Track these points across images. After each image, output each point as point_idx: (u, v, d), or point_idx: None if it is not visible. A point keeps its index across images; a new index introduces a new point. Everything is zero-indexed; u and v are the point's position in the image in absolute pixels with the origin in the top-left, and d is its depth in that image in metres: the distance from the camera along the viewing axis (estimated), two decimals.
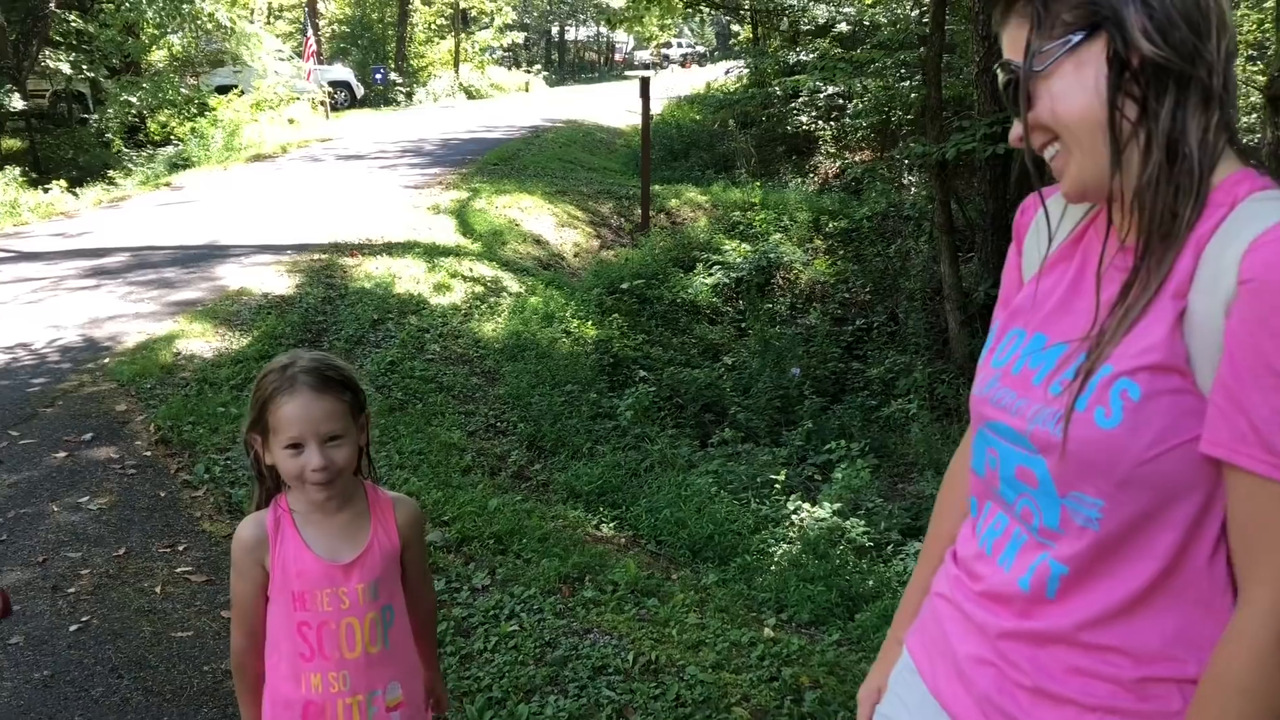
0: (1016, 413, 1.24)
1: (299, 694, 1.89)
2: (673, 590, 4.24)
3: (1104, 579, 1.18)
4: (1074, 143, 1.17)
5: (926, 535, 1.61)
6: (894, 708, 1.49)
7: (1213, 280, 1.08)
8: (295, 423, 1.79)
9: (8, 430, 5.19)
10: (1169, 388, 1.10)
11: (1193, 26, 1.10)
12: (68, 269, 8.80)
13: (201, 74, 21.83)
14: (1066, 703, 1.21)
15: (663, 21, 17.99)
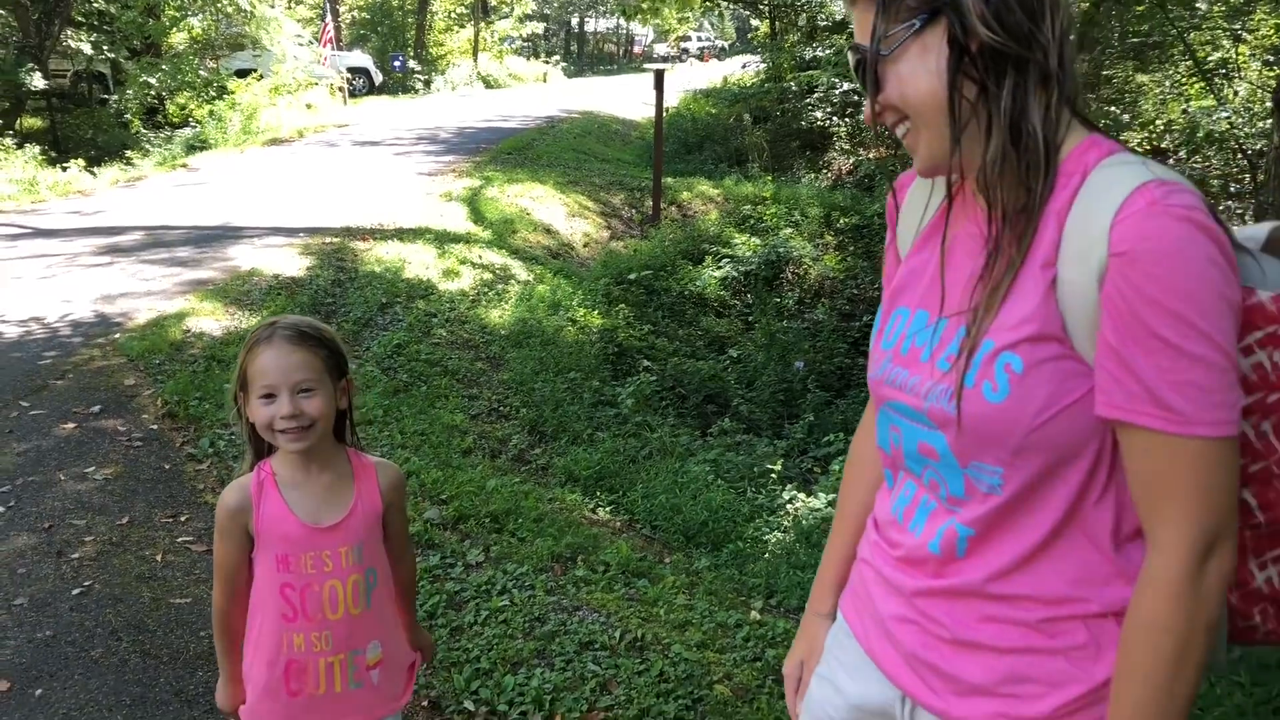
0: (911, 391, 1.30)
1: (281, 654, 1.96)
2: (664, 573, 4.32)
3: (1008, 536, 1.25)
4: (922, 123, 1.22)
5: (836, 512, 1.68)
6: (832, 668, 1.55)
7: (1082, 252, 1.14)
8: (269, 372, 1.86)
9: (18, 400, 5.29)
10: (1049, 355, 1.16)
11: (1027, 10, 1.15)
12: (82, 246, 8.91)
13: (221, 57, 21.97)
14: (983, 649, 1.28)
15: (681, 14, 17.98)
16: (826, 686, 1.55)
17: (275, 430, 1.88)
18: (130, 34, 17.95)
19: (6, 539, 3.98)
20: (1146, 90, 12.47)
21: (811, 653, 1.63)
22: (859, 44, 1.25)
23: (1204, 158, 10.98)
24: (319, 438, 1.93)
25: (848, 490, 1.65)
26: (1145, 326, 1.09)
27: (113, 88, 19.33)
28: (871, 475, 1.57)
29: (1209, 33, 11.34)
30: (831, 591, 1.63)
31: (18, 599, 3.57)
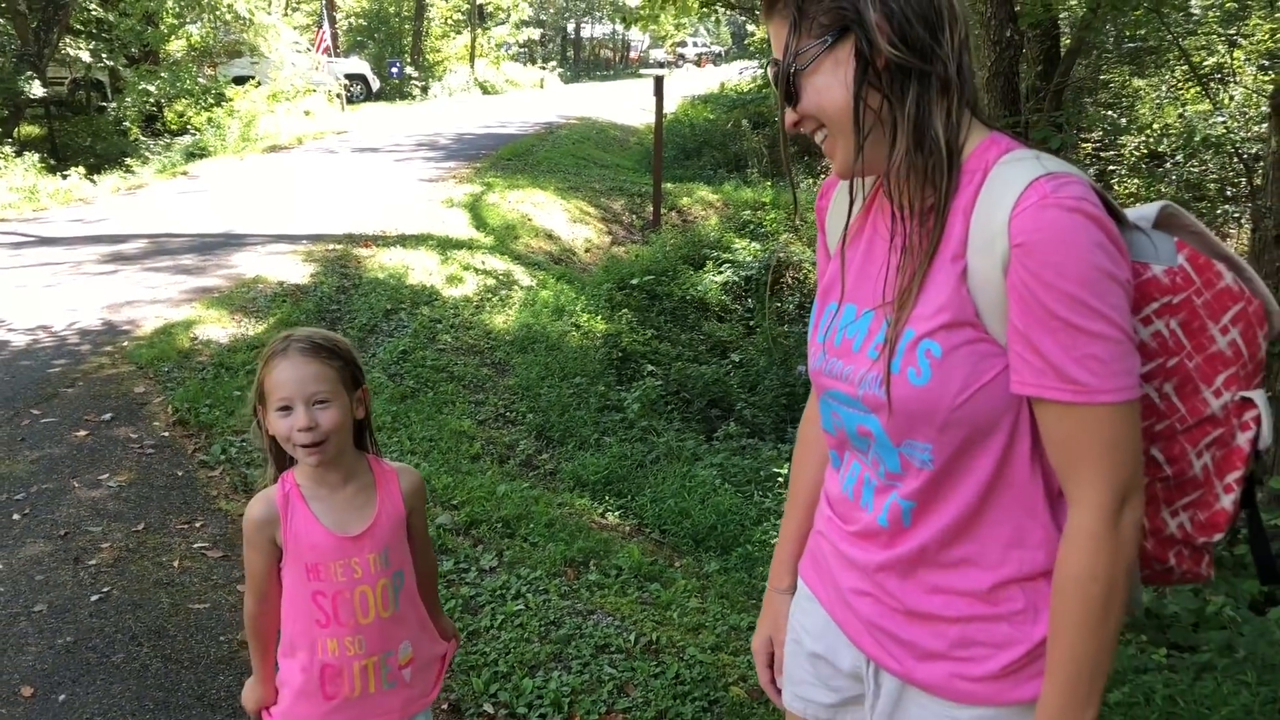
0: (847, 379, 1.42)
1: (315, 658, 2.00)
2: (675, 576, 4.35)
3: (944, 503, 1.37)
4: (837, 130, 1.33)
5: (788, 493, 1.79)
6: (799, 633, 1.66)
7: (987, 243, 1.25)
8: (285, 384, 1.89)
9: (30, 408, 5.32)
10: (964, 340, 1.28)
11: (927, 25, 1.26)
12: (87, 254, 8.94)
13: (219, 64, 22.00)
14: (934, 619, 1.41)
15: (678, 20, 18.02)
16: (793, 646, 1.68)
17: (294, 444, 1.91)
18: (129, 42, 17.96)
19: (23, 546, 4.01)
20: (1143, 95, 12.53)
21: (777, 628, 1.75)
22: (776, 59, 1.36)
23: (1200, 162, 11.04)
24: (336, 450, 1.96)
25: (798, 472, 1.77)
26: (1046, 308, 1.20)
27: (111, 95, 19.34)
28: (818, 457, 1.70)
29: (1204, 38, 11.39)
30: (789, 568, 1.75)
31: (37, 605, 3.60)
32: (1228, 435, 1.35)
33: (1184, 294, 1.32)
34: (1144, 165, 11.39)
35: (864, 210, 1.47)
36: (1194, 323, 1.33)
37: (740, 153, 17.74)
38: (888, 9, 1.25)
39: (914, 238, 1.33)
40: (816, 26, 1.29)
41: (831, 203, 1.58)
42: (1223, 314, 1.33)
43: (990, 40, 9.00)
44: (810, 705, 1.65)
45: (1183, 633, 4.29)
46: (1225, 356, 1.33)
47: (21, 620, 3.50)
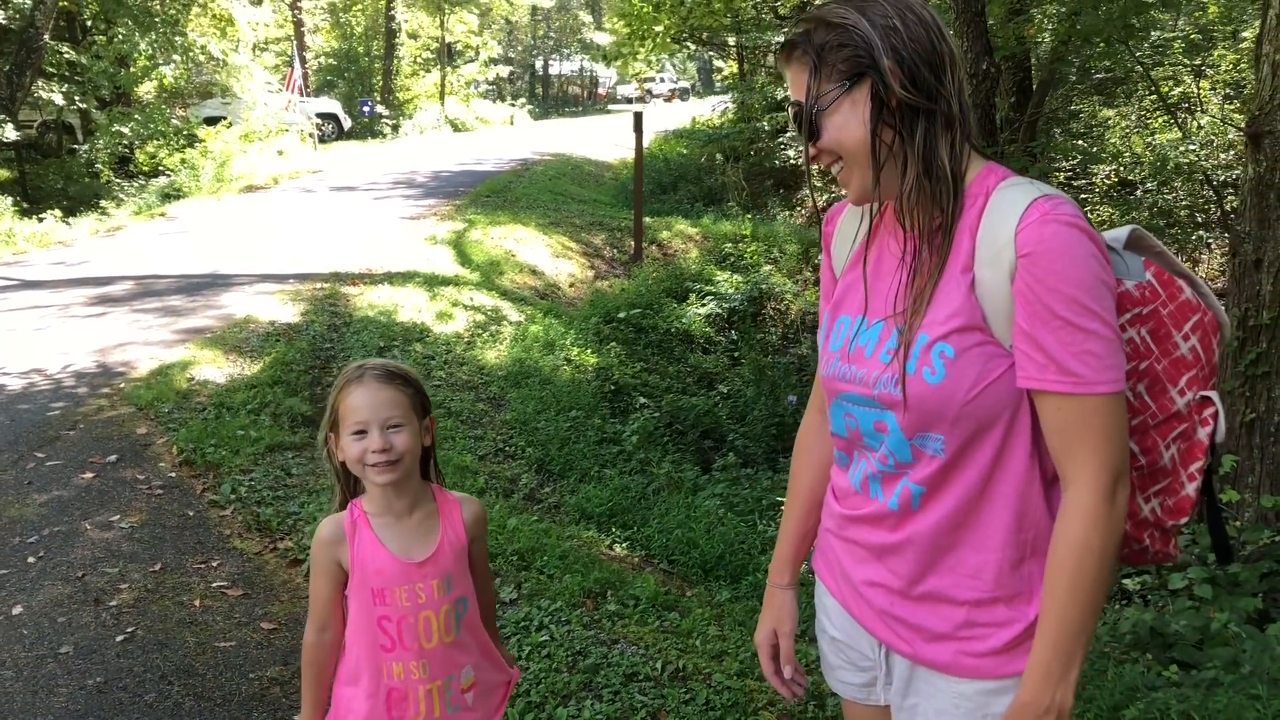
0: (861, 381, 1.57)
1: (381, 683, 2.04)
2: (691, 605, 4.39)
3: (951, 487, 1.53)
4: (854, 162, 1.52)
5: (788, 494, 1.95)
6: (824, 623, 1.84)
7: (994, 256, 1.43)
8: (360, 409, 1.98)
9: (33, 452, 5.30)
10: (974, 342, 1.45)
11: (933, 69, 1.46)
12: (73, 297, 8.91)
13: (190, 105, 21.99)
14: (940, 601, 1.57)
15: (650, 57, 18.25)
16: (821, 635, 1.86)
17: (366, 464, 1.98)
18: (100, 84, 17.92)
19: (41, 588, 4.00)
20: (1112, 124, 12.82)
21: (780, 621, 1.91)
22: (799, 100, 1.53)
23: (1171, 189, 11.30)
24: (406, 473, 2.03)
25: (796, 475, 1.92)
26: (1049, 309, 1.38)
27: (82, 138, 19.27)
28: (815, 462, 1.87)
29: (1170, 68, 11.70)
30: (789, 565, 1.92)
31: (62, 647, 3.59)
32: (1190, 430, 1.56)
33: (1152, 305, 1.54)
34: (1115, 193, 11.63)
35: (870, 233, 1.64)
36: (1160, 330, 1.54)
37: (715, 187, 17.92)
38: (899, 56, 1.45)
39: (923, 254, 1.51)
40: (836, 72, 1.48)
41: (837, 230, 1.76)
42: (1184, 323, 1.55)
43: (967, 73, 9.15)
44: (847, 686, 1.83)
45: (1187, 650, 4.37)
46: (1187, 360, 1.55)
47: (49, 662, 3.50)
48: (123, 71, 18.34)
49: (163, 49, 18.67)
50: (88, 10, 18.48)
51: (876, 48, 1.46)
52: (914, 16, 1.48)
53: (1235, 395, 6.01)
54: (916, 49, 1.46)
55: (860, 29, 1.47)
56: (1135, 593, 5.25)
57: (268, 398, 6.24)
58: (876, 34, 1.46)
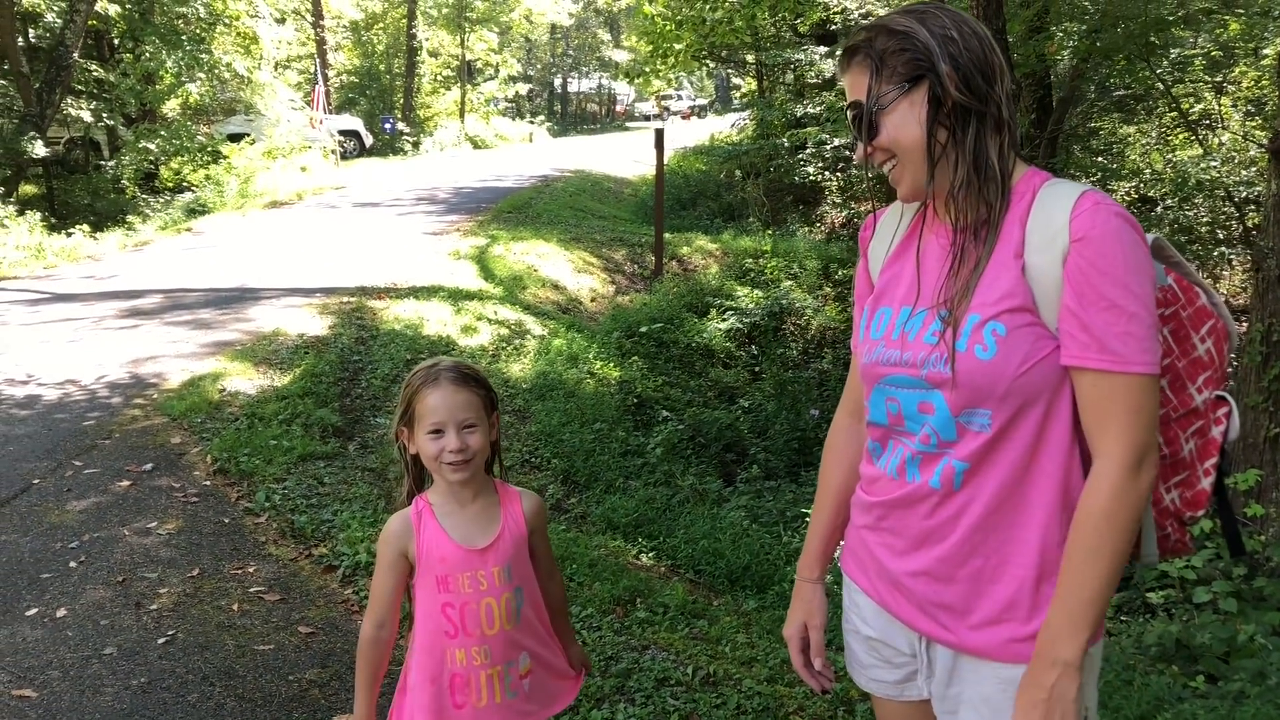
0: (907, 364, 1.65)
1: (445, 668, 2.13)
2: (719, 613, 4.45)
3: (995, 464, 1.59)
4: (907, 160, 1.62)
5: (818, 491, 2.01)
6: (855, 622, 1.88)
7: (1047, 241, 1.53)
8: (438, 410, 2.08)
9: (71, 460, 5.40)
10: (1024, 323, 1.54)
11: (985, 76, 1.58)
12: (104, 309, 9.04)
13: (215, 122, 22.27)
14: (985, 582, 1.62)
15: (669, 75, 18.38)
16: (850, 635, 1.90)
17: (441, 462, 2.07)
18: (127, 101, 18.18)
19: (84, 592, 4.09)
20: (1132, 141, 12.86)
21: (810, 614, 1.96)
22: (859, 100, 1.64)
23: (1192, 205, 11.32)
24: (476, 469, 2.12)
25: (826, 473, 1.98)
26: (1097, 290, 1.48)
27: (109, 154, 19.52)
28: (847, 459, 1.92)
29: (1190, 85, 11.74)
30: (819, 560, 1.98)
31: (106, 649, 3.67)
32: (1206, 427, 1.65)
33: (1173, 308, 1.64)
34: (1136, 209, 11.66)
35: (913, 230, 1.74)
36: (1181, 331, 1.64)
37: (734, 203, 18.01)
38: (955, 61, 1.57)
39: (969, 246, 1.60)
40: (895, 74, 1.60)
41: (875, 233, 1.87)
42: (1201, 327, 1.64)
43: None
44: (880, 684, 1.87)
45: (1213, 663, 4.40)
46: (1204, 361, 1.64)
47: (94, 663, 3.58)
48: (149, 88, 18.60)
49: (188, 66, 18.92)
50: (116, 29, 18.77)
51: (935, 53, 1.57)
52: (969, 29, 1.60)
53: (1259, 411, 6.04)
54: (971, 57, 1.57)
55: (920, 36, 1.58)
56: (1160, 606, 5.26)
57: (298, 409, 6.33)
58: (935, 41, 1.57)
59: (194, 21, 19.84)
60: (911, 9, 1.63)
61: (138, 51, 18.40)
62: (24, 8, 17.09)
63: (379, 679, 2.21)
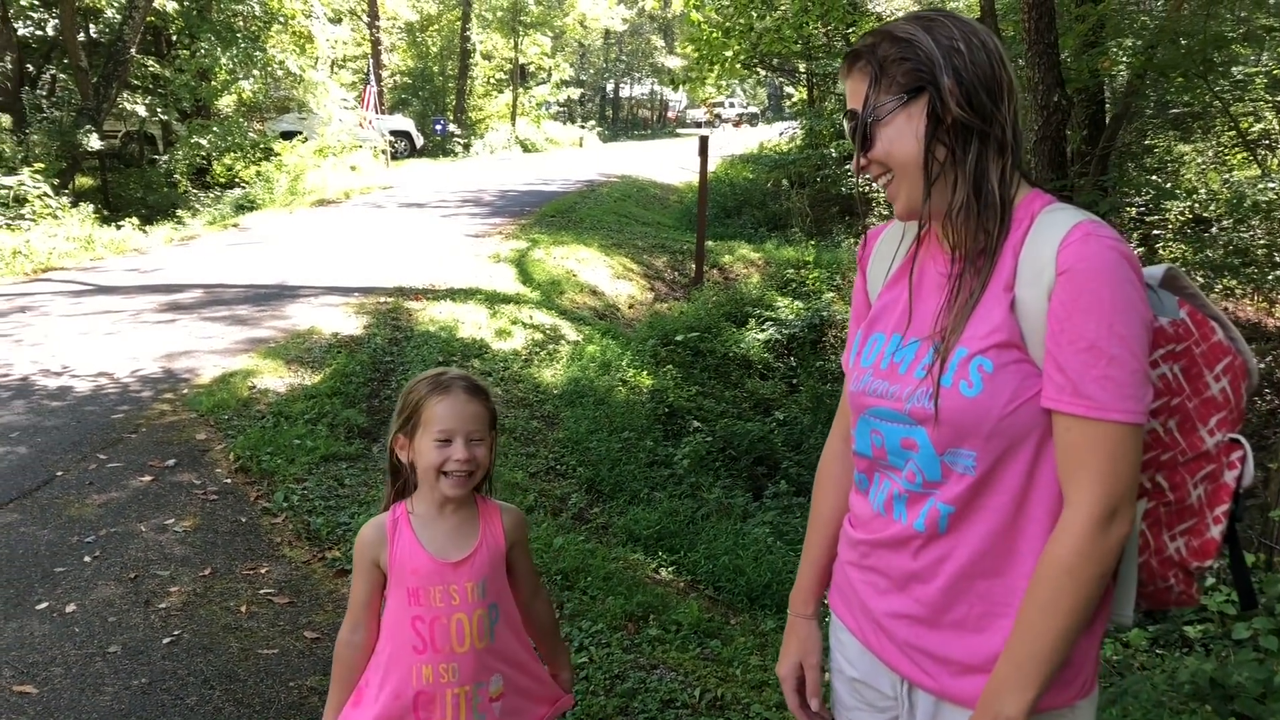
0: (892, 397, 1.56)
1: (410, 685, 2.06)
2: (734, 633, 4.35)
3: (982, 509, 1.49)
4: (903, 176, 1.52)
5: (809, 522, 1.91)
6: (839, 662, 1.79)
7: (1035, 275, 1.43)
8: (448, 418, 2.03)
9: (96, 453, 5.43)
10: (1012, 359, 1.44)
11: (990, 94, 1.48)
12: (144, 303, 9.13)
13: (267, 120, 22.53)
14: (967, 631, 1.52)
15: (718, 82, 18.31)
16: (835, 675, 1.81)
17: (443, 472, 2.02)
18: (182, 96, 18.44)
19: (95, 588, 4.08)
20: (1187, 160, 12.56)
21: (805, 652, 1.86)
22: (855, 110, 1.55)
23: (1248, 227, 11.03)
24: (474, 484, 2.08)
25: (818, 503, 1.88)
26: (1077, 329, 1.38)
27: (162, 148, 19.81)
28: (841, 488, 1.81)
29: (1250, 104, 11.45)
30: (812, 595, 1.88)
31: (111, 647, 3.66)
32: (1218, 471, 1.53)
33: (1185, 343, 1.52)
34: (1189, 230, 11.39)
35: (908, 256, 1.64)
36: (1193, 369, 1.52)
37: (780, 212, 17.87)
38: (959, 76, 1.46)
39: (966, 275, 1.50)
40: (895, 84, 1.50)
41: (874, 251, 1.76)
42: (1216, 364, 1.52)
43: (1038, 105, 9.08)
44: None
45: (1249, 704, 4.23)
46: (1217, 401, 1.52)
47: (98, 660, 3.56)
48: (204, 85, 18.87)
49: (243, 64, 19.18)
50: (173, 25, 19.02)
51: (938, 64, 1.47)
52: (978, 41, 1.50)
53: None
54: (977, 72, 1.47)
55: (924, 45, 1.48)
56: (1197, 640, 5.09)
57: (326, 408, 6.32)
58: (940, 52, 1.48)
59: (249, 19, 20.10)
60: (919, 16, 1.54)
61: (194, 48, 18.67)
62: (85, 4, 17.39)
63: (353, 685, 2.16)
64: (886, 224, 1.75)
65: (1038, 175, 9.13)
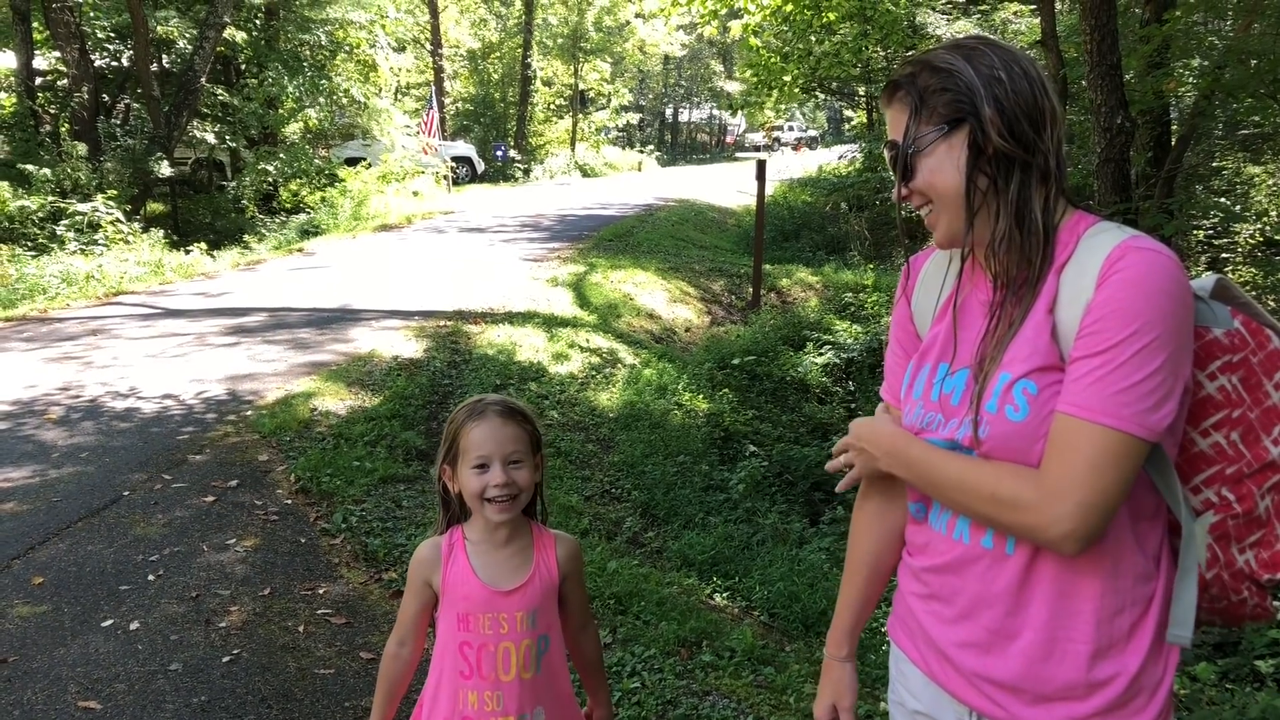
0: (945, 427, 1.56)
1: (456, 709, 2.07)
2: (788, 661, 4.31)
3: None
4: (943, 206, 1.52)
5: (846, 561, 1.90)
6: (901, 694, 1.76)
7: (1074, 297, 1.43)
8: (483, 443, 2.03)
9: (161, 474, 5.54)
10: (1054, 380, 1.44)
11: (1032, 123, 1.47)
12: (210, 326, 9.33)
13: (333, 146, 22.96)
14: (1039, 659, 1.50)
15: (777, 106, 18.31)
16: (895, 708, 1.78)
17: (485, 499, 2.03)
18: (250, 124, 18.88)
19: (158, 606, 4.16)
20: (1258, 182, 12.28)
21: (839, 695, 1.85)
22: (895, 140, 1.55)
23: None
24: (519, 508, 2.07)
25: (857, 540, 1.87)
26: (1093, 335, 1.38)
27: (230, 175, 20.28)
28: (879, 526, 1.82)
29: None
30: (848, 637, 1.87)
31: (172, 664, 3.72)
32: None
33: (1242, 353, 1.48)
34: (1259, 253, 11.13)
35: (955, 284, 1.64)
36: (1251, 379, 1.48)
37: (839, 235, 17.79)
38: (1000, 105, 1.45)
39: (1009, 303, 1.50)
40: (935, 115, 1.50)
41: (920, 280, 1.75)
42: (1275, 372, 1.48)
43: (1100, 127, 8.94)
44: None
45: None
46: (1279, 410, 1.48)
47: (159, 678, 3.62)
48: (271, 113, 19.30)
49: (309, 92, 19.59)
50: (242, 55, 19.50)
51: (979, 95, 1.46)
52: (1019, 70, 1.48)
53: None
54: (1018, 101, 1.46)
55: (964, 75, 1.47)
56: (1269, 675, 4.95)
57: (385, 430, 6.40)
58: (980, 82, 1.46)
59: (316, 49, 20.53)
60: (960, 44, 1.53)
61: (261, 77, 19.11)
62: (159, 35, 17.88)
63: (397, 697, 2.19)
64: (928, 251, 1.74)
65: (1100, 199, 8.99)
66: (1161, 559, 1.51)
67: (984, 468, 1.47)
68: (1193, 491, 1.50)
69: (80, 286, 11.37)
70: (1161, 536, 1.52)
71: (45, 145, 15.54)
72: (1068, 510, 1.38)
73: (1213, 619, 1.56)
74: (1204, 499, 1.49)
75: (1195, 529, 1.48)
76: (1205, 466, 1.49)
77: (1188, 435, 1.49)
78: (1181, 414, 1.43)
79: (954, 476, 1.49)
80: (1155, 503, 1.50)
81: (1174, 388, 1.37)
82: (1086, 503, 1.37)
